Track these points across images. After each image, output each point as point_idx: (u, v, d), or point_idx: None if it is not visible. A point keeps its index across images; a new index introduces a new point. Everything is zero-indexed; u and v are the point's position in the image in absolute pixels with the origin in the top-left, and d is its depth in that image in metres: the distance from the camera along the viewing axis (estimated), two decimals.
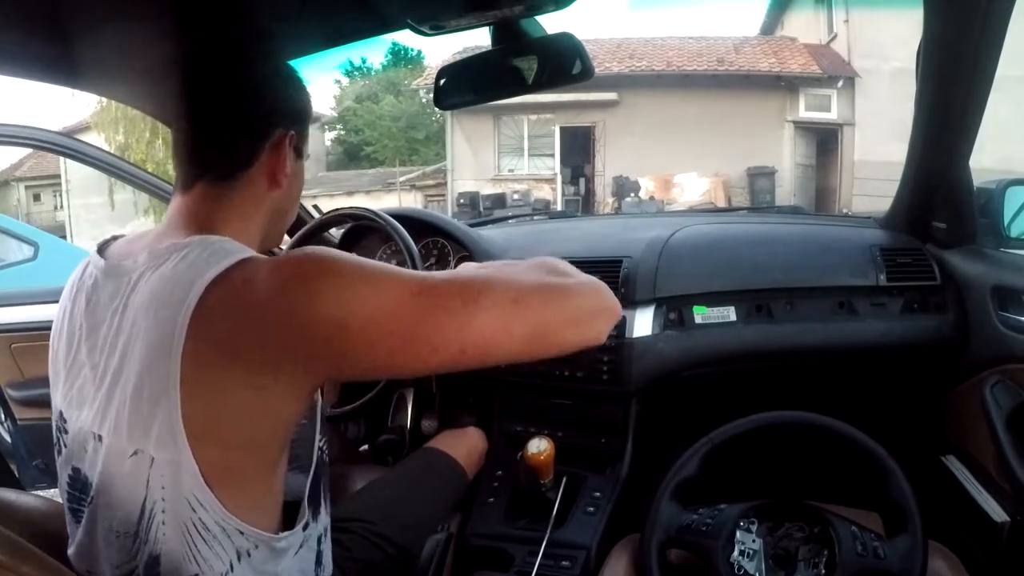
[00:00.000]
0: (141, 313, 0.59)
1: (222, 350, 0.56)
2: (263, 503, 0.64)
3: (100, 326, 0.63)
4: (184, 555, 0.60)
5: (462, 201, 10.27)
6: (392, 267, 0.62)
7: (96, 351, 0.63)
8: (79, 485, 0.66)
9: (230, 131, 0.67)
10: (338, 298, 0.56)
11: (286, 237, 1.54)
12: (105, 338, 0.62)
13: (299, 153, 0.72)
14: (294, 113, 0.71)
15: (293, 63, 0.74)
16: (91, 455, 0.63)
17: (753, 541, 0.83)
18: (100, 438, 0.61)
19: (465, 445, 1.18)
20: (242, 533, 0.61)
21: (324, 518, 0.75)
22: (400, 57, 18.13)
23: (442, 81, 0.97)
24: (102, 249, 0.71)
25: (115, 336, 0.61)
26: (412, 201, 11.63)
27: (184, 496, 0.58)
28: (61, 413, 0.68)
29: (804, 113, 9.99)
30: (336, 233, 1.55)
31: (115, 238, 0.73)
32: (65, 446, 0.68)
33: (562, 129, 10.88)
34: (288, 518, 0.68)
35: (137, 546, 0.61)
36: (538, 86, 0.96)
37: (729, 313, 1.23)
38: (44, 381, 0.73)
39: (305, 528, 0.69)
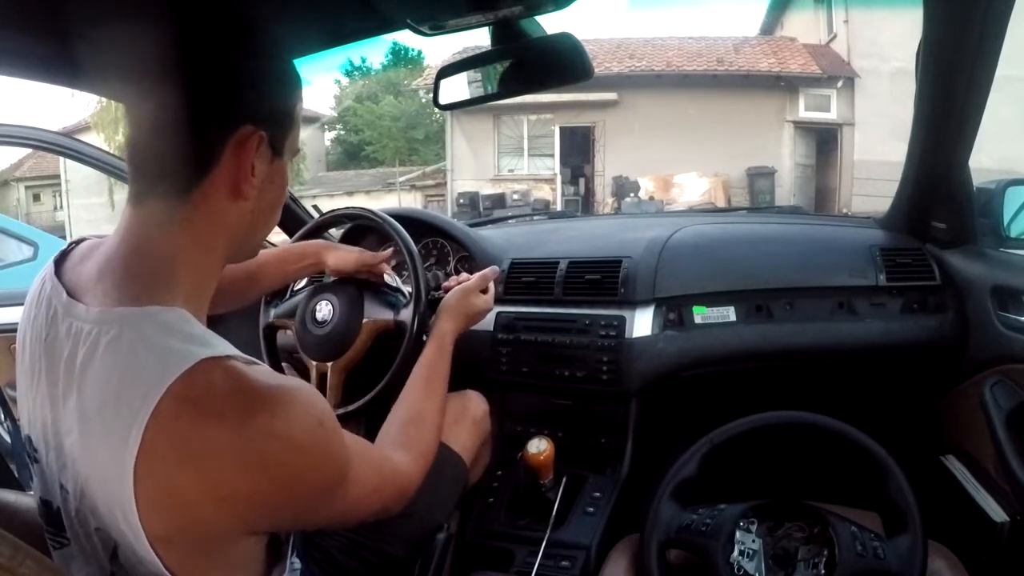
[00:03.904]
0: (95, 406, 0.54)
1: (183, 468, 0.52)
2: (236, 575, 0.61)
3: (57, 366, 0.57)
4: None
5: (462, 201, 10.27)
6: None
7: (57, 393, 0.57)
8: (53, 520, 0.62)
9: (181, 129, 0.57)
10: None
11: (285, 237, 1.54)
12: (65, 389, 0.56)
13: (277, 153, 0.63)
14: (267, 110, 0.61)
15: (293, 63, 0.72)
16: (61, 500, 0.59)
17: (753, 541, 0.83)
18: (66, 490, 0.58)
19: (465, 422, 1.12)
20: None
21: (296, 541, 0.74)
22: (400, 57, 18.16)
23: (441, 81, 0.97)
24: (59, 263, 0.64)
25: (74, 398, 0.55)
26: (412, 201, 11.63)
27: None
28: (31, 439, 0.63)
29: (804, 113, 9.99)
30: (336, 233, 1.55)
31: (74, 245, 0.67)
32: (34, 476, 0.64)
33: (562, 129, 10.88)
34: (264, 567, 0.65)
35: None
36: (538, 86, 0.96)
37: (729, 313, 1.23)
38: None
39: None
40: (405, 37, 15.37)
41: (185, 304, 0.59)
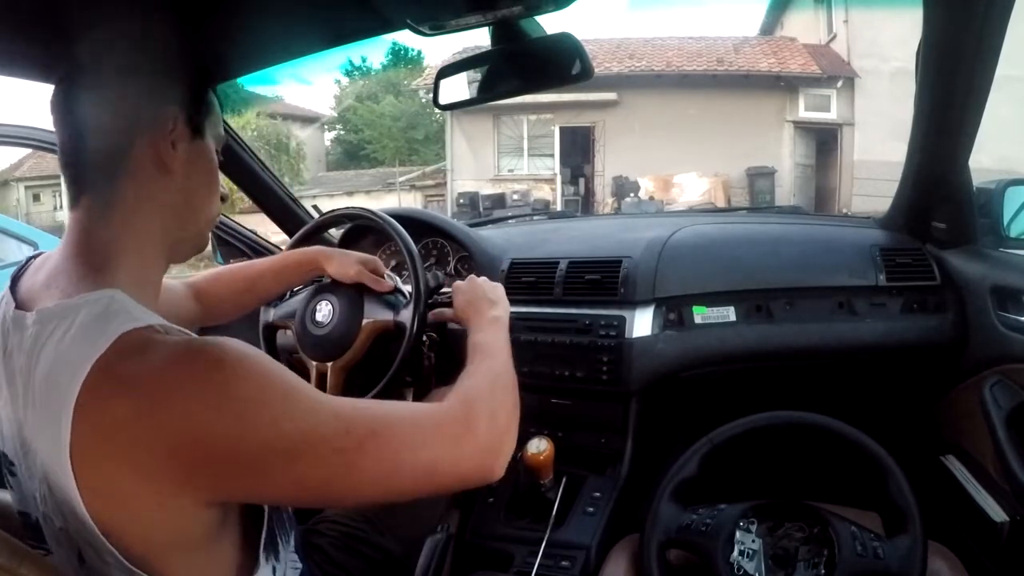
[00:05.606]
0: (39, 402, 0.54)
1: (109, 448, 0.50)
2: (209, 570, 0.60)
3: (15, 379, 0.58)
4: None
5: (462, 201, 10.27)
6: (311, 398, 0.56)
7: (19, 403, 0.57)
8: (32, 531, 0.62)
9: (93, 125, 0.58)
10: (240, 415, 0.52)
11: (285, 237, 1.54)
12: (22, 400, 0.56)
13: (197, 132, 0.65)
14: (178, 87, 0.63)
15: (293, 63, 0.72)
16: (36, 508, 0.59)
17: (753, 541, 0.83)
18: (35, 497, 0.58)
19: None
20: None
21: (290, 543, 0.74)
22: (400, 57, 18.16)
23: (441, 81, 0.97)
24: (16, 279, 0.65)
25: (24, 407, 0.56)
26: (412, 201, 11.63)
27: None
28: (6, 455, 0.63)
29: (804, 113, 9.99)
30: (336, 233, 1.55)
31: (31, 259, 0.67)
32: (12, 487, 0.64)
33: (562, 129, 10.88)
34: (247, 562, 0.64)
35: None
36: (538, 86, 0.96)
37: (729, 313, 1.23)
38: None
39: (274, 572, 0.67)
40: (405, 37, 15.41)
41: (129, 288, 0.59)
